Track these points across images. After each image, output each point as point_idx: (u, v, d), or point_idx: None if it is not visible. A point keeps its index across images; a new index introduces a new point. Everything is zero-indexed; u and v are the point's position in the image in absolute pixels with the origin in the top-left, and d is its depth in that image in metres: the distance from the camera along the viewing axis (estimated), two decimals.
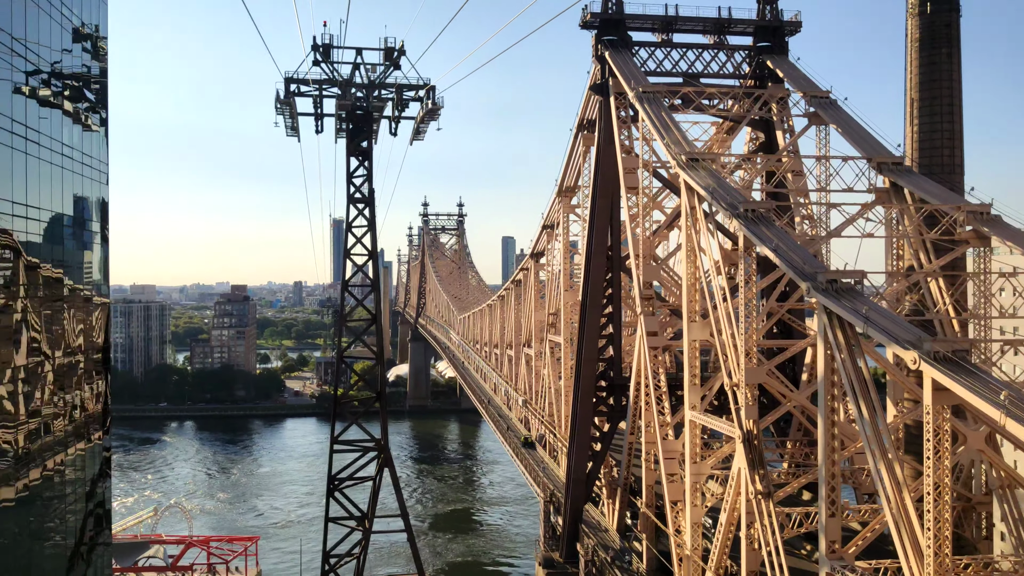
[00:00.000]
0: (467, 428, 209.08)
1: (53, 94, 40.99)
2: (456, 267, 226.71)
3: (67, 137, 41.86)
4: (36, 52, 37.88)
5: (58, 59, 40.91)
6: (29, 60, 37.85)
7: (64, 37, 41.58)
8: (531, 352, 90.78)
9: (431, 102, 59.69)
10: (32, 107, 38.31)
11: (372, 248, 64.25)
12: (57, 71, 41.31)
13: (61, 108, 42.10)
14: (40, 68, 39.25)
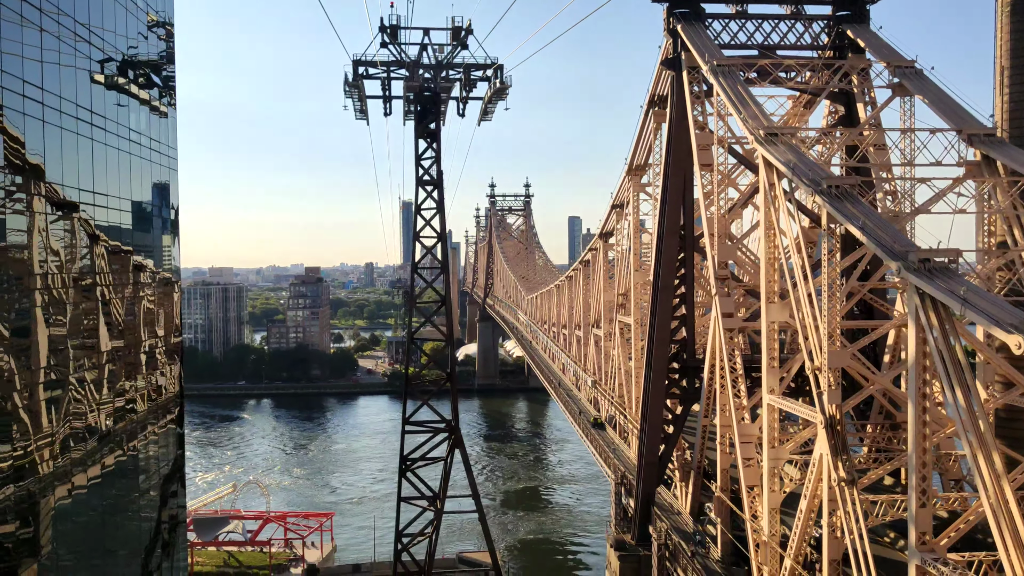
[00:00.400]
0: (535, 407, 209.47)
1: (124, 82, 41.49)
2: (523, 247, 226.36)
3: (136, 123, 42.42)
4: (102, 37, 37.94)
5: (128, 46, 41.35)
6: (102, 48, 38.21)
7: (132, 24, 41.97)
8: (600, 333, 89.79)
9: (499, 81, 59.02)
10: (104, 95, 38.80)
11: (441, 230, 64.12)
12: (128, 59, 41.79)
13: (132, 95, 42.66)
14: (111, 56, 39.62)
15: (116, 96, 40.08)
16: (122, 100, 40.61)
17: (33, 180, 32.68)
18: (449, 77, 60.76)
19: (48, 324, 33.49)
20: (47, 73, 33.24)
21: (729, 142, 57.76)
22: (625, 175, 76.80)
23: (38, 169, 33.01)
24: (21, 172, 31.71)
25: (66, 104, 34.87)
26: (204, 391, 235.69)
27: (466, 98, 62.35)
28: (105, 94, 38.75)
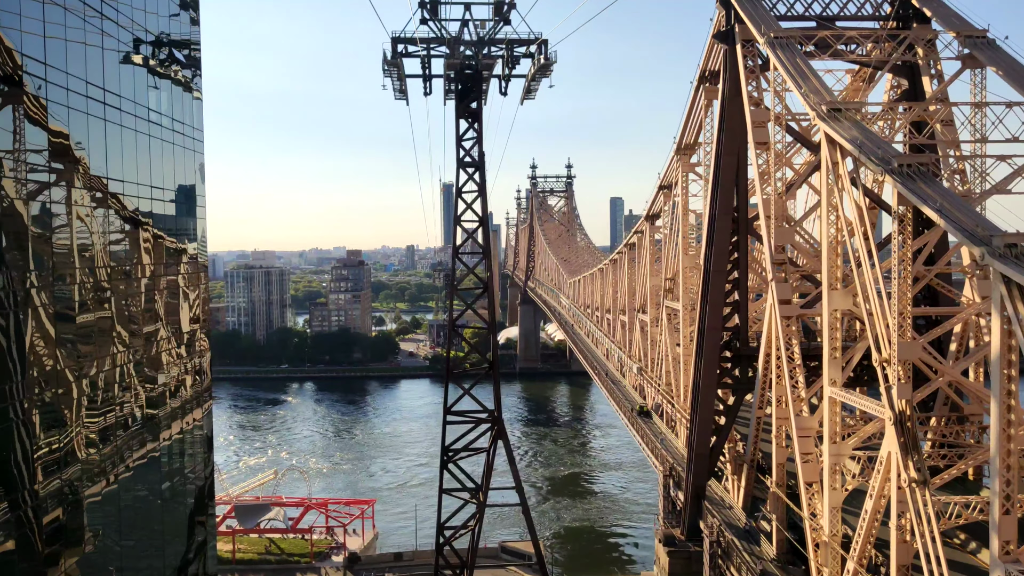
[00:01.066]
0: (577, 391, 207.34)
1: (147, 61, 40.10)
2: (565, 229, 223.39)
3: (158, 104, 41.03)
4: (118, 11, 36.49)
5: (149, 24, 39.90)
6: (124, 26, 36.90)
7: (155, 2, 40.55)
8: (646, 318, 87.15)
9: (543, 57, 56.50)
10: (126, 74, 37.55)
11: (482, 214, 62.03)
12: (151, 37, 40.34)
13: (156, 75, 41.40)
14: (136, 35, 38.34)
15: (137, 76, 38.61)
16: (145, 80, 39.20)
17: (71, 165, 32.40)
18: (491, 54, 58.42)
19: (82, 311, 33.04)
20: (70, 53, 32.34)
21: (786, 119, 54.86)
22: (673, 155, 73.94)
23: (74, 154, 32.67)
24: (59, 157, 31.44)
25: (91, 88, 33.63)
26: (247, 374, 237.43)
27: (508, 76, 59.98)
28: (127, 73, 37.39)
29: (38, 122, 30.06)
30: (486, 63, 57.95)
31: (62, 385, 31.02)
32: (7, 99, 28.27)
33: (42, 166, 30.33)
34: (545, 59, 56.01)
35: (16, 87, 28.64)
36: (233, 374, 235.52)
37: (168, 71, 42.84)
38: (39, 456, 29.46)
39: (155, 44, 40.63)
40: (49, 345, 30.32)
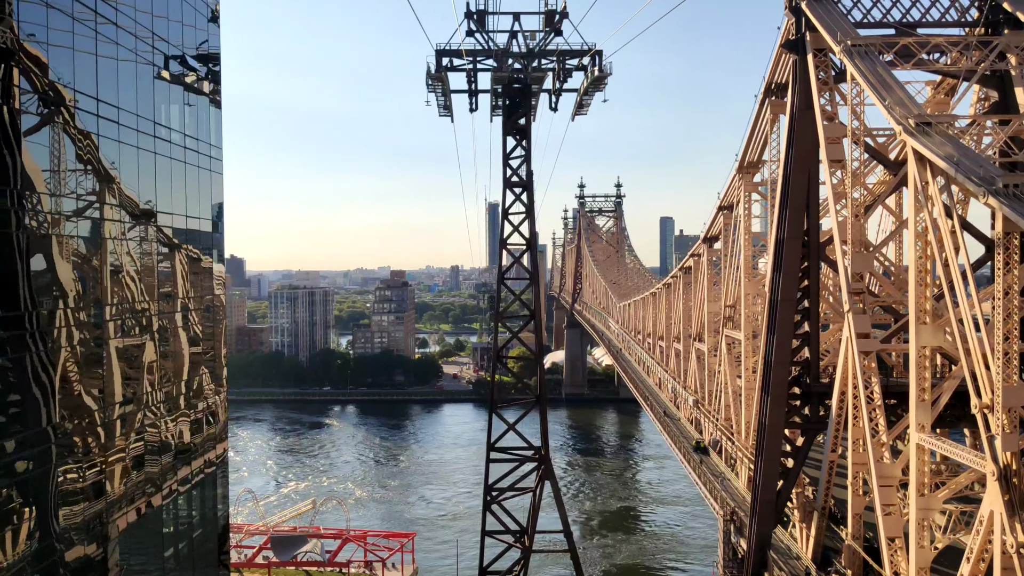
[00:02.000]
0: (626, 419, 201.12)
1: (165, 76, 37.32)
2: (613, 251, 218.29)
3: (168, 119, 38.06)
4: (149, 27, 34.07)
5: (169, 41, 37.17)
6: (151, 42, 34.39)
7: (175, 13, 37.80)
8: (703, 347, 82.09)
9: (597, 69, 52.59)
10: (152, 96, 34.89)
11: (530, 237, 58.09)
12: (171, 53, 37.50)
13: (175, 88, 38.63)
14: (164, 53, 35.81)
15: (158, 95, 35.71)
16: (167, 99, 36.38)
17: (106, 186, 32.11)
18: (541, 67, 54.75)
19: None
20: (96, 69, 31.28)
21: (862, 135, 50.15)
22: (735, 173, 69.26)
23: (110, 176, 32.31)
24: (97, 178, 31.27)
25: (117, 108, 31.56)
26: (289, 396, 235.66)
27: (559, 90, 56.26)
28: (148, 92, 34.64)
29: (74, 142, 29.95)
30: (536, 76, 54.30)
31: (87, 416, 30.46)
32: (45, 120, 28.26)
33: (77, 192, 30.16)
34: (599, 71, 52.08)
35: (55, 108, 28.61)
36: (275, 396, 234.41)
37: (190, 88, 40.06)
38: (65, 488, 29.17)
39: (177, 62, 37.88)
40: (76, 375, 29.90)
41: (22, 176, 26.25)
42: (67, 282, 29.35)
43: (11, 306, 25.89)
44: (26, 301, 26.75)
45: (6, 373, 26.35)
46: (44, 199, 27.82)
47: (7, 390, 26.48)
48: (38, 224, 27.56)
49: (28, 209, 26.83)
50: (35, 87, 28.33)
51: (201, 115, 40.18)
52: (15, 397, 26.82)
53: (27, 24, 27.64)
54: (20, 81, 26.86)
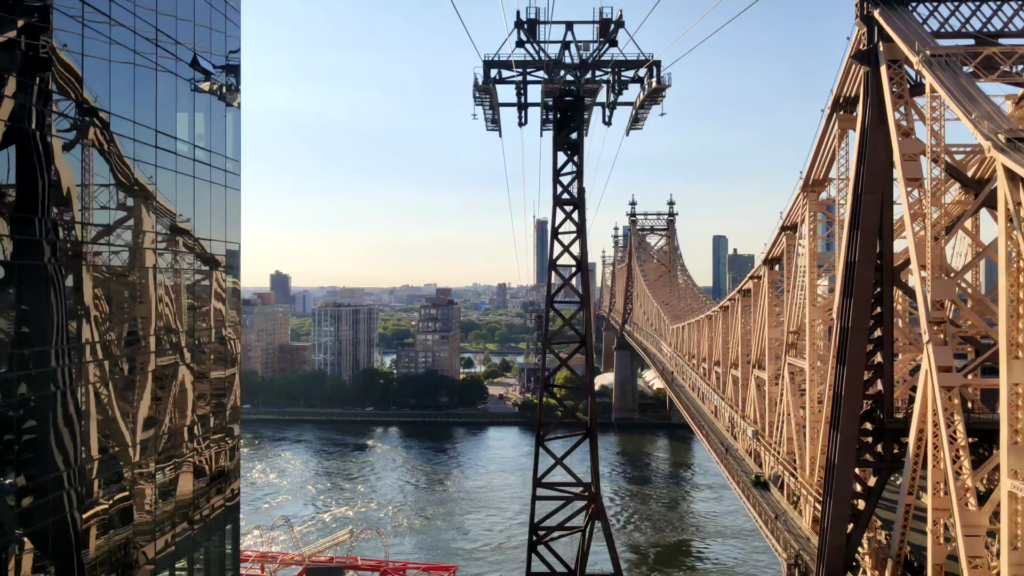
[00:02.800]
0: (678, 445, 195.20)
1: (184, 87, 35.19)
2: (665, 270, 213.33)
3: (182, 131, 35.81)
4: (173, 37, 31.99)
5: (189, 47, 35.02)
6: (172, 50, 32.29)
7: (200, 19, 35.60)
8: (763, 375, 77.79)
9: (655, 80, 49.31)
10: (168, 106, 32.78)
11: (581, 258, 54.86)
12: (191, 60, 35.33)
13: (195, 96, 36.42)
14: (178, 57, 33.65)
15: (180, 109, 33.60)
16: (190, 113, 34.20)
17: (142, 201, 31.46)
18: (595, 78, 51.70)
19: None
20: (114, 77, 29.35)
21: (940, 151, 46.15)
22: (799, 192, 65.35)
23: (146, 191, 31.66)
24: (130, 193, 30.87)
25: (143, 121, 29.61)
26: (331, 416, 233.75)
27: (614, 103, 53.13)
28: (169, 106, 32.62)
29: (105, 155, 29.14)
30: (589, 88, 51.29)
31: (117, 440, 30.01)
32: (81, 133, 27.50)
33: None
34: (657, 82, 48.83)
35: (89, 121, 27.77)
36: (317, 416, 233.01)
37: (209, 99, 37.83)
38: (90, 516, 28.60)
39: (196, 73, 35.63)
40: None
41: (53, 199, 25.09)
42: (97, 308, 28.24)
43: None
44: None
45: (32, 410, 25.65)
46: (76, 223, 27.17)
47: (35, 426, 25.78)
48: (69, 251, 26.96)
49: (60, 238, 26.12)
50: (70, 101, 27.09)
51: (215, 126, 37.63)
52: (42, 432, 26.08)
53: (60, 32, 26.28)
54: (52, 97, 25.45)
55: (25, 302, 25.50)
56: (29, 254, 25.22)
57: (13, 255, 24.50)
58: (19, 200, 24.69)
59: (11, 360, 24.43)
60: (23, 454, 25.37)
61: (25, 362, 24.92)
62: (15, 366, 24.56)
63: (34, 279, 25.68)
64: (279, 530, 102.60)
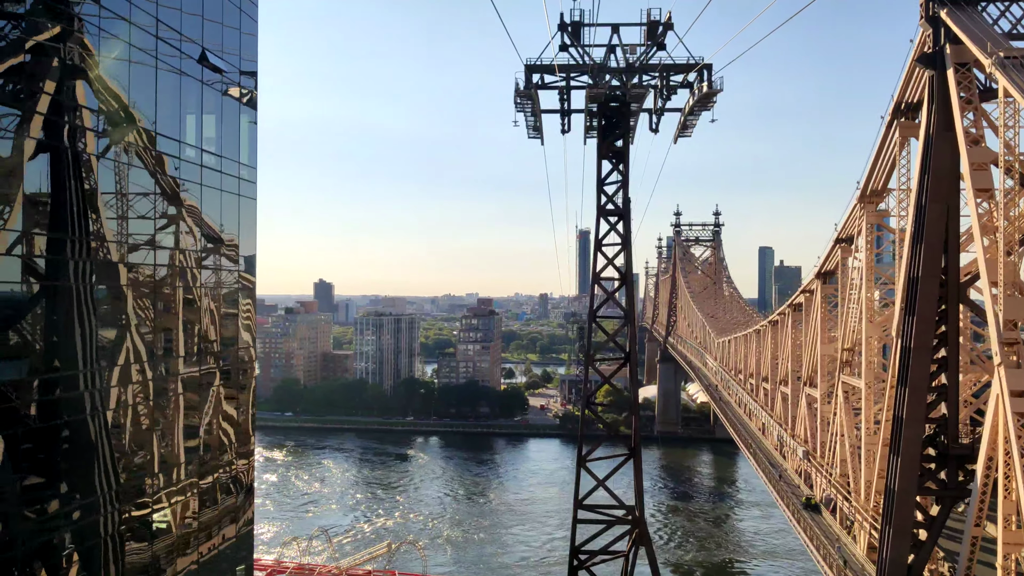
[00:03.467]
0: (723, 461, 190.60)
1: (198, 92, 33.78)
2: (711, 282, 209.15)
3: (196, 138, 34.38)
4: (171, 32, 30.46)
5: (202, 49, 33.56)
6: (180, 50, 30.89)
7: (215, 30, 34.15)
8: (815, 393, 74.54)
9: (706, 85, 47.00)
10: (176, 111, 31.36)
11: (626, 271, 52.62)
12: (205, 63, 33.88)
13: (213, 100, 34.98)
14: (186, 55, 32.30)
15: (176, 103, 32.03)
16: (188, 108, 32.67)
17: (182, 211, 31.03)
18: (642, 83, 49.53)
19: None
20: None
21: (1009, 160, 43.14)
22: (856, 203, 62.34)
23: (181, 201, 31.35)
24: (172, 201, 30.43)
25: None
26: (372, 425, 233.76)
27: (662, 109, 50.97)
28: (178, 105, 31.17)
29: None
30: (636, 93, 49.17)
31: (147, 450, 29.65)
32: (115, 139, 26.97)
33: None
34: (708, 87, 46.49)
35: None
36: (358, 424, 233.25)
37: (220, 100, 36.29)
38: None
39: (205, 71, 34.06)
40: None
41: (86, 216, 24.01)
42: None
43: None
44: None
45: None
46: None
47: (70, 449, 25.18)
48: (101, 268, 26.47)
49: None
50: (103, 108, 26.04)
51: (228, 130, 35.80)
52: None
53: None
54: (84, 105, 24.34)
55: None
56: (58, 264, 24.49)
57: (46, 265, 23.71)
58: (51, 208, 23.67)
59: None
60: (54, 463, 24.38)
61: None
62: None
63: (64, 295, 24.71)
64: (318, 540, 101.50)
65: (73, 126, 25.14)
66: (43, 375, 24.61)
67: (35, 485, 24.75)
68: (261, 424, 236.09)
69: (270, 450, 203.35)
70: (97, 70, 26.29)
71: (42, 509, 24.81)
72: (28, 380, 23.94)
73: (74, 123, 25.26)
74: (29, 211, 23.86)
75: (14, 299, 23.90)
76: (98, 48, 25.98)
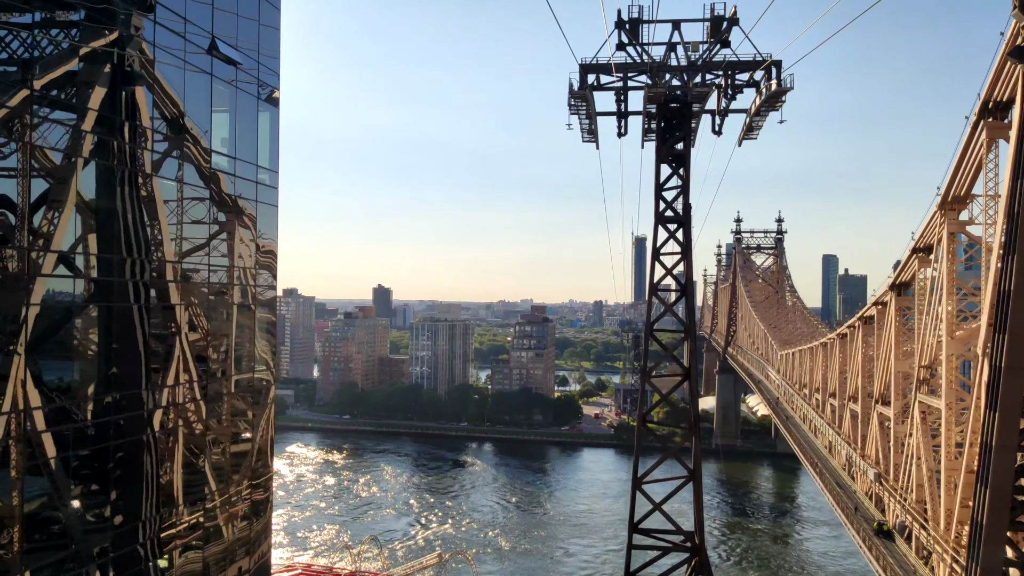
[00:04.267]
0: (784, 477, 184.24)
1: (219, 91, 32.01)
2: (773, 291, 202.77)
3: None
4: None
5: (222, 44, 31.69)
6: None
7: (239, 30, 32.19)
8: (888, 412, 70.02)
9: (775, 83, 43.62)
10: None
11: (686, 282, 49.40)
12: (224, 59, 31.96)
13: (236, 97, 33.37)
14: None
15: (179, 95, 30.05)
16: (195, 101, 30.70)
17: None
18: (705, 82, 46.34)
19: None
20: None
21: None
22: (936, 209, 58.02)
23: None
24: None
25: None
26: (426, 430, 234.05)
27: (726, 110, 47.65)
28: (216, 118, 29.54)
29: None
30: (698, 93, 46.01)
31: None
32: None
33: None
34: (778, 85, 43.10)
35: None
36: (413, 429, 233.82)
37: (235, 94, 34.27)
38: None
39: (216, 62, 32.00)
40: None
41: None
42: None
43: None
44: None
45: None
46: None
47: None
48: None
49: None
50: (162, 114, 25.21)
51: (243, 128, 33.42)
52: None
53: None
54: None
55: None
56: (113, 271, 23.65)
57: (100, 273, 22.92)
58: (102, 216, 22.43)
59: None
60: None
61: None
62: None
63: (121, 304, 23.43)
64: (370, 547, 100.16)
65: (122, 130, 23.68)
66: (98, 382, 23.70)
67: (88, 490, 24.50)
68: (320, 427, 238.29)
69: (329, 452, 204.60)
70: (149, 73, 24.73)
71: (93, 512, 24.20)
72: (83, 385, 22.87)
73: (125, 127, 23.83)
74: (83, 217, 23.18)
75: (68, 305, 23.33)
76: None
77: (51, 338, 23.09)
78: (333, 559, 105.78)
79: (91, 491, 24.55)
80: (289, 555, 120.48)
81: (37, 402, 21.81)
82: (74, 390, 23.77)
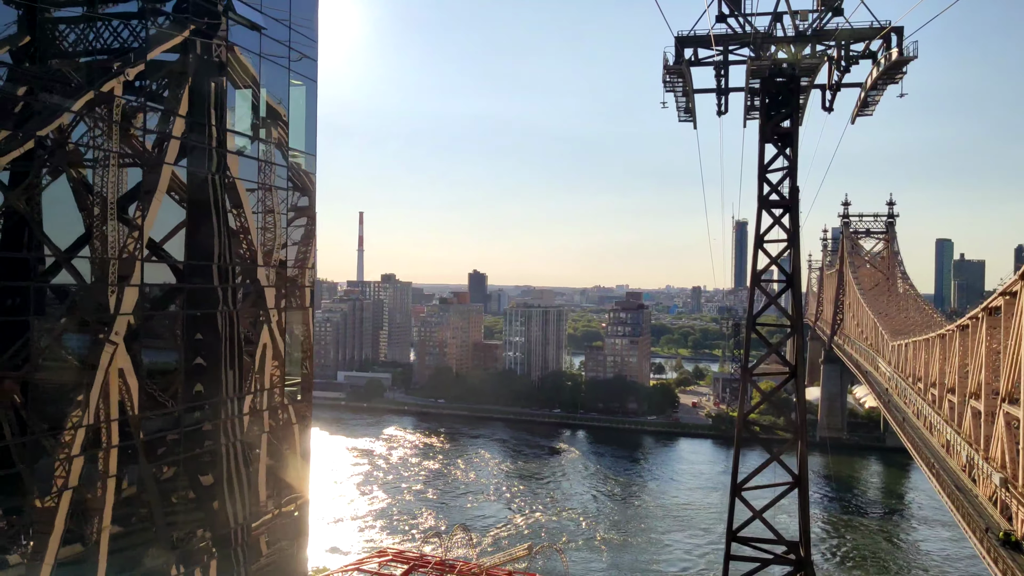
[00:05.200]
0: (894, 473, 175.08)
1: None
2: (883, 277, 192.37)
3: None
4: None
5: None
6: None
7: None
8: (1017, 412, 64.07)
9: (895, 52, 39.43)
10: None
11: (793, 272, 45.79)
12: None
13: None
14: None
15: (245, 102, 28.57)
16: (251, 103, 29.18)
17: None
18: (815, 54, 42.46)
19: None
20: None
21: None
22: None
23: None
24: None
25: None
26: (520, 416, 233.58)
27: (838, 84, 43.68)
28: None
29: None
30: (807, 65, 42.20)
31: None
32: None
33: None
34: (900, 55, 38.88)
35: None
36: (506, 415, 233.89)
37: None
38: None
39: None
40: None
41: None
42: None
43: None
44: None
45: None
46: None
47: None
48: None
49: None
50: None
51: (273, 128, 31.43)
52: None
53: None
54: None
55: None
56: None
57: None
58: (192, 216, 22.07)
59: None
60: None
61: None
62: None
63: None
64: (464, 534, 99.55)
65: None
66: (185, 373, 23.83)
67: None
68: (416, 410, 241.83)
69: (428, 436, 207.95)
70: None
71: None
72: (173, 375, 23.11)
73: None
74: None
75: (159, 296, 23.39)
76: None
77: (145, 327, 22.77)
78: (423, 546, 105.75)
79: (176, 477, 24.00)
80: (382, 539, 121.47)
81: (134, 388, 21.50)
82: (167, 377, 23.25)
